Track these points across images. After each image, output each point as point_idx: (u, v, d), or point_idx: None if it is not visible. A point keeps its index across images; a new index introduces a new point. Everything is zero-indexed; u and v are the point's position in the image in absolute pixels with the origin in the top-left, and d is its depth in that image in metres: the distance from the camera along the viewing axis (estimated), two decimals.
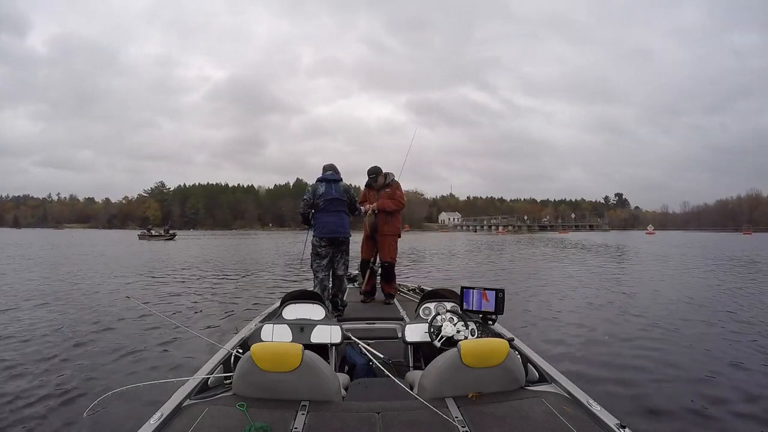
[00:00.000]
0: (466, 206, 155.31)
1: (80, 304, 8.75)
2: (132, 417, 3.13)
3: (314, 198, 5.11)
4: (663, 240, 51.09)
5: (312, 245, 5.21)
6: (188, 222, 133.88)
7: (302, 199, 5.22)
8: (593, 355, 5.37)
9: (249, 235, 73.86)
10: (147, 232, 53.89)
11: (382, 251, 5.78)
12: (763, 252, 27.21)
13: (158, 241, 45.33)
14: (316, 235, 5.16)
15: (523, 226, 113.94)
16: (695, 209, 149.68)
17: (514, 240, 50.10)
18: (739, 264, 18.57)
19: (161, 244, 40.68)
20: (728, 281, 12.67)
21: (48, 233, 77.04)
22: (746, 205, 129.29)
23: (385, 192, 5.79)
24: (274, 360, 2.16)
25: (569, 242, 42.83)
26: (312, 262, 5.18)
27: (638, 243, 42.16)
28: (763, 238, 56.79)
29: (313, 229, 5.21)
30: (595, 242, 43.05)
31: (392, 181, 5.86)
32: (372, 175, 5.83)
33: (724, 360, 5.14)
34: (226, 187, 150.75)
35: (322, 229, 5.12)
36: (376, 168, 5.87)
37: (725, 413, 3.74)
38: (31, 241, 43.81)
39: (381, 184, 5.84)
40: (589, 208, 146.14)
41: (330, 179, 5.18)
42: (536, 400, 2.20)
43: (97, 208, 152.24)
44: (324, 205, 5.10)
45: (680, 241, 46.60)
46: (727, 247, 32.78)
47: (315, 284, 5.12)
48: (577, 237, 61.61)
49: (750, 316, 7.60)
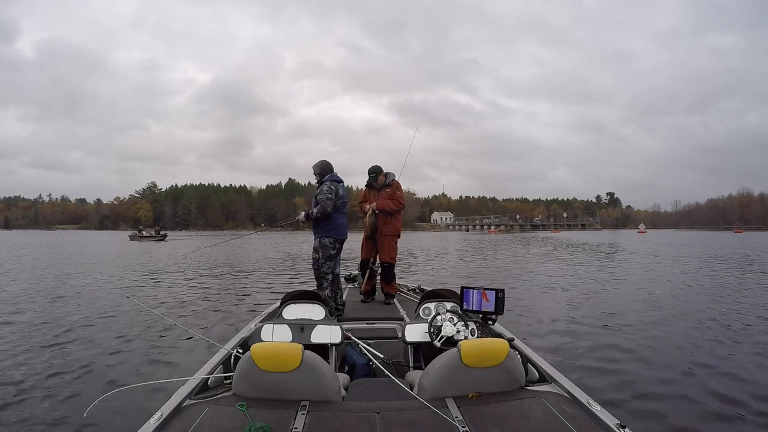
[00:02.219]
0: (458, 206, 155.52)
1: (80, 304, 8.74)
2: (132, 417, 3.13)
3: (336, 199, 5.01)
4: (654, 239, 51.47)
5: (323, 246, 5.04)
6: (180, 223, 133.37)
7: (327, 196, 4.96)
8: (589, 353, 5.41)
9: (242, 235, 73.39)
10: (138, 233, 53.58)
11: (382, 251, 5.77)
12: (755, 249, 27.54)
13: (149, 242, 45.02)
14: (330, 236, 5.04)
15: (515, 226, 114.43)
16: (686, 208, 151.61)
17: (506, 239, 50.22)
18: (732, 261, 18.80)
19: (152, 245, 40.43)
20: (719, 276, 12.86)
21: (39, 234, 76.37)
22: (737, 204, 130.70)
23: (385, 192, 5.77)
24: (274, 360, 2.15)
25: (561, 241, 43.03)
26: (322, 264, 5.02)
27: (629, 242, 42.53)
28: (753, 237, 57.40)
29: (322, 229, 5.07)
30: (587, 241, 43.28)
31: (392, 180, 5.84)
32: (372, 174, 5.80)
33: (723, 359, 5.18)
34: (218, 188, 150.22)
35: (338, 231, 5.06)
36: (377, 167, 5.84)
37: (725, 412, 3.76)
38: (23, 242, 43.42)
39: (381, 183, 5.82)
40: (581, 208, 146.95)
41: (341, 181, 5.17)
42: (536, 400, 2.20)
43: (88, 209, 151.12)
44: (341, 206, 5.08)
45: (671, 240, 47.10)
46: (720, 245, 33.25)
47: (324, 287, 4.98)
48: (569, 236, 61.82)
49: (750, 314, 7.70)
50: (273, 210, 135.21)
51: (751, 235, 63.42)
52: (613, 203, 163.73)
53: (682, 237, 56.63)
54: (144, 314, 7.13)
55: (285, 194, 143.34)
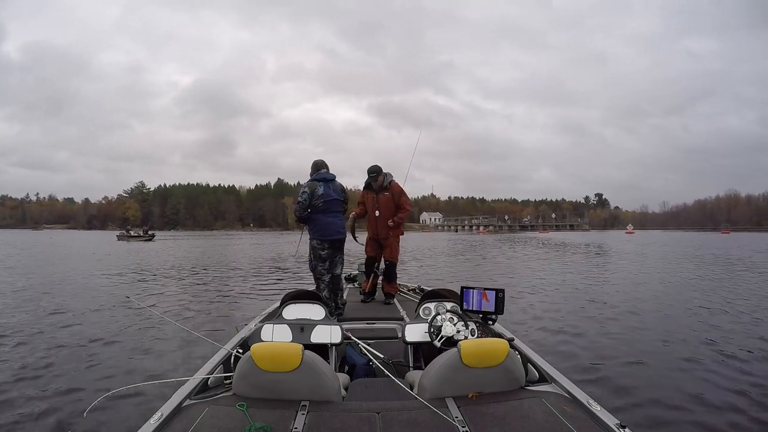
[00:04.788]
0: (447, 206, 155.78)
1: (79, 304, 8.69)
2: (132, 417, 3.14)
3: (312, 198, 4.87)
4: (641, 239, 52.04)
5: (312, 248, 4.98)
6: (168, 222, 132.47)
7: (297, 200, 4.94)
8: (589, 353, 5.47)
9: (232, 236, 73.04)
10: (126, 232, 53.13)
11: (386, 250, 5.69)
12: (740, 249, 28.03)
13: (137, 242, 44.69)
14: (316, 238, 4.95)
15: (503, 227, 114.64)
16: (674, 209, 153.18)
17: (494, 240, 50.40)
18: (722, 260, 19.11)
19: (140, 244, 40.13)
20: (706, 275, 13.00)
21: (26, 234, 75.41)
22: (724, 205, 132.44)
23: (384, 196, 5.58)
24: (274, 360, 2.15)
25: (550, 242, 43.34)
26: (315, 265, 4.97)
27: (617, 242, 43.03)
28: (740, 237, 58.19)
29: (309, 230, 5.01)
30: (575, 241, 43.65)
31: (391, 182, 5.64)
32: (373, 174, 5.54)
33: (723, 359, 5.23)
34: (207, 188, 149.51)
35: (324, 232, 4.94)
36: (377, 167, 5.57)
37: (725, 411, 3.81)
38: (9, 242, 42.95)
39: (380, 184, 5.59)
40: (570, 209, 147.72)
41: (328, 179, 5.00)
42: (536, 400, 2.20)
43: (76, 208, 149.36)
44: (323, 205, 4.91)
45: (656, 240, 47.76)
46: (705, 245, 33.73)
47: (321, 288, 4.92)
48: (557, 237, 62.24)
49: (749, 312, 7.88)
50: (262, 210, 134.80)
51: (738, 236, 64.10)
52: (601, 204, 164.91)
53: (668, 238, 57.20)
54: (144, 314, 7.12)
55: (274, 194, 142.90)
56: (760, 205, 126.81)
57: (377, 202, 5.60)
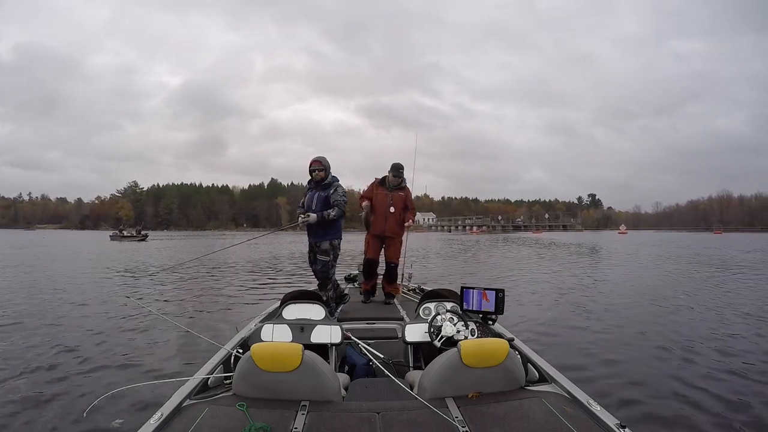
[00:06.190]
0: (440, 207, 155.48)
1: (78, 304, 8.67)
2: (132, 417, 3.11)
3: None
4: (633, 239, 52.30)
5: (334, 248, 5.04)
6: (162, 222, 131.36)
7: (344, 200, 4.97)
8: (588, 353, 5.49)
9: (225, 236, 72.76)
10: (119, 232, 52.75)
11: (388, 251, 5.67)
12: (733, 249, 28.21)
13: (130, 242, 44.43)
14: (339, 238, 5.08)
15: (497, 227, 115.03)
16: (667, 209, 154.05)
17: (488, 240, 50.48)
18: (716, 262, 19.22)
19: (133, 244, 39.91)
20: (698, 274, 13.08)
21: (19, 234, 74.81)
22: (717, 206, 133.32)
23: (398, 194, 5.57)
24: (274, 360, 2.15)
25: (543, 242, 43.46)
26: (332, 266, 5.04)
27: (610, 242, 43.29)
28: (732, 237, 58.58)
29: (335, 231, 5.04)
30: (568, 242, 43.79)
31: (405, 183, 5.66)
32: (400, 170, 5.53)
33: (724, 357, 5.27)
34: (200, 188, 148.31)
35: (341, 231, 5.12)
36: (401, 165, 5.57)
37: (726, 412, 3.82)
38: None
39: (397, 183, 5.58)
40: (563, 209, 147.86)
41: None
42: (536, 400, 2.21)
43: (69, 208, 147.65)
44: None
45: (649, 240, 47.94)
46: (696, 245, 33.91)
47: (329, 288, 5.00)
48: (551, 237, 62.44)
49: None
50: (255, 210, 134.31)
51: (730, 236, 64.53)
52: (594, 204, 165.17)
53: (660, 238, 57.51)
54: (143, 314, 7.11)
55: (267, 194, 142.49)
56: (752, 205, 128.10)
57: (392, 199, 5.56)
